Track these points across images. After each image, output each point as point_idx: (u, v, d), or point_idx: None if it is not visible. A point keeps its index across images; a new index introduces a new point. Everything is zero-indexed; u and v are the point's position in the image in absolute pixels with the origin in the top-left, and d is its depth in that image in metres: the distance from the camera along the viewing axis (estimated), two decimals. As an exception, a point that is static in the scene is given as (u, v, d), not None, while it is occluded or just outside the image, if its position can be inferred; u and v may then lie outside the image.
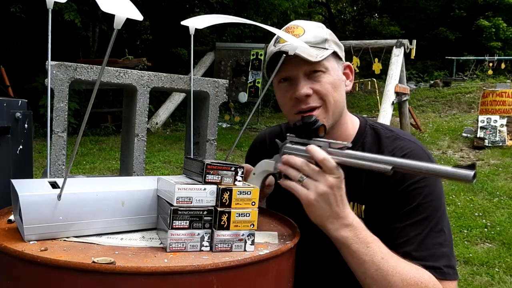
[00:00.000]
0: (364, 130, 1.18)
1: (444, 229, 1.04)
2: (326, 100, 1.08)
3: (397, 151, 1.09)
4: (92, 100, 0.79)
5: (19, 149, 1.22)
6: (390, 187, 1.07)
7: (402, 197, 1.05)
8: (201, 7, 11.82)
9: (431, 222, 1.03)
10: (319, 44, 1.09)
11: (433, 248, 1.01)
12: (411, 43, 8.39)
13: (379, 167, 0.86)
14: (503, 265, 3.23)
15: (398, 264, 0.94)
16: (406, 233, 1.02)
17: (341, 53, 1.14)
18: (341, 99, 1.12)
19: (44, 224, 0.82)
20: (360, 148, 1.14)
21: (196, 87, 1.27)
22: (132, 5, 0.74)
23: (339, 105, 1.11)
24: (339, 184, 0.91)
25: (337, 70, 1.12)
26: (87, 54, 9.62)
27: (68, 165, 0.83)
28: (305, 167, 0.92)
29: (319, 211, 0.92)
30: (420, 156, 1.09)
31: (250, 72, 9.73)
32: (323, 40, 1.09)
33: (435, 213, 1.04)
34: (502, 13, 16.27)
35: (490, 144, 7.27)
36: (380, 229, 1.02)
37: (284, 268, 0.86)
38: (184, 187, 0.81)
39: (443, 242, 1.03)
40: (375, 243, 0.94)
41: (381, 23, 17.91)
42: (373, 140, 1.15)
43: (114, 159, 6.09)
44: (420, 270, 0.96)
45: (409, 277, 0.93)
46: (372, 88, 10.32)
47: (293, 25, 1.14)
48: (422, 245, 1.01)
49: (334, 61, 1.11)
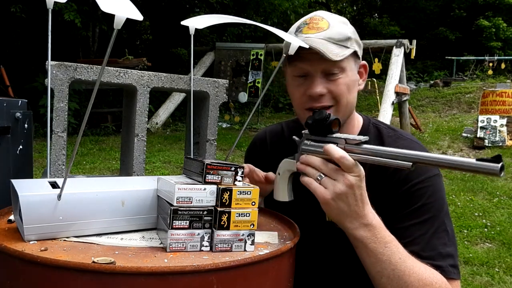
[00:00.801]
0: (367, 128, 1.18)
1: (448, 229, 1.04)
2: (339, 101, 1.07)
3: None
4: (92, 100, 0.79)
5: (19, 149, 1.22)
6: (393, 186, 1.07)
7: (406, 197, 1.05)
8: (201, 7, 11.82)
9: (435, 221, 1.03)
10: (342, 42, 1.05)
11: (439, 248, 1.01)
12: (411, 43, 8.39)
13: (399, 164, 0.81)
14: (503, 265, 3.22)
15: (415, 264, 0.93)
16: (411, 233, 1.01)
17: (360, 52, 1.12)
18: (353, 100, 1.11)
19: (44, 224, 0.82)
20: None
21: (196, 87, 1.26)
22: (132, 5, 0.74)
23: (350, 106, 1.11)
24: (358, 182, 0.88)
25: (354, 71, 1.10)
26: (87, 54, 9.62)
27: (68, 165, 0.83)
28: (323, 167, 0.89)
29: (336, 211, 0.90)
30: None
31: (250, 72, 9.73)
32: (346, 38, 1.06)
33: (439, 213, 1.04)
34: (502, 13, 16.27)
35: (490, 144, 7.27)
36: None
37: (284, 268, 0.86)
38: (184, 187, 0.81)
39: (448, 242, 1.03)
40: (394, 243, 0.93)
41: (381, 23, 17.91)
42: (376, 139, 1.15)
43: (114, 159, 6.09)
44: (433, 271, 0.96)
45: (424, 277, 0.93)
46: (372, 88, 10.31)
47: (318, 16, 1.10)
48: (428, 245, 1.01)
49: (352, 60, 1.09)
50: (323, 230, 1.16)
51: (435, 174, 1.07)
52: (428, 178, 1.05)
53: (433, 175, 1.06)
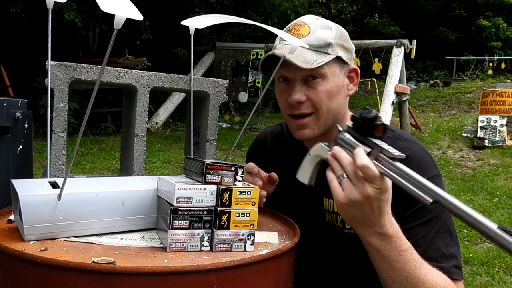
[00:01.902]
0: None
1: (450, 229, 1.04)
2: (318, 108, 1.06)
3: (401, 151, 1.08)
4: (92, 100, 0.79)
5: (19, 149, 1.22)
6: (394, 188, 1.06)
7: (408, 197, 1.04)
8: (201, 7, 11.82)
9: (437, 222, 1.02)
10: (321, 48, 1.04)
11: (442, 249, 1.00)
12: (411, 43, 8.39)
13: (420, 195, 0.78)
14: (503, 265, 3.22)
15: (428, 271, 0.92)
16: (413, 234, 1.00)
17: (348, 57, 1.10)
18: (336, 106, 1.08)
19: (44, 224, 0.82)
20: None
21: (196, 87, 1.26)
22: (132, 5, 0.74)
23: (332, 113, 1.08)
24: (377, 195, 0.84)
25: (338, 76, 1.08)
26: (87, 54, 9.62)
27: (68, 165, 0.83)
28: (348, 167, 0.86)
29: (349, 215, 0.88)
30: (423, 158, 1.07)
31: (250, 72, 9.73)
32: (326, 44, 1.05)
33: (441, 213, 1.03)
34: (502, 13, 16.26)
35: (490, 144, 7.27)
36: None
37: (284, 268, 0.86)
38: (184, 187, 0.81)
39: (450, 242, 1.02)
40: (409, 251, 0.91)
41: (381, 23, 17.90)
42: None
43: (114, 159, 6.09)
44: (443, 276, 0.95)
45: (437, 284, 0.92)
46: (372, 88, 10.31)
47: (301, 22, 1.09)
48: (431, 246, 1.00)
49: (336, 66, 1.07)
50: (323, 230, 1.16)
51: (435, 175, 1.06)
52: (430, 178, 1.04)
53: (433, 176, 1.05)
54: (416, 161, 1.04)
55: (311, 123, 1.07)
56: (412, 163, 0.97)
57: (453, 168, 6.28)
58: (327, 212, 1.15)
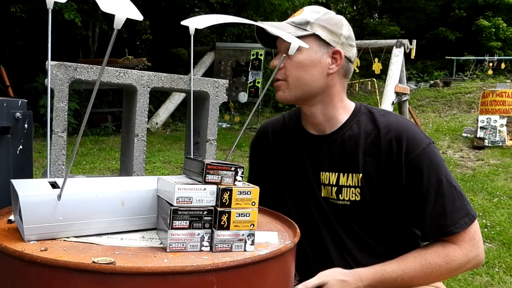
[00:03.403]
0: (359, 110, 1.24)
1: (452, 183, 1.13)
2: (288, 75, 1.18)
3: (393, 125, 1.17)
4: (92, 100, 0.79)
5: (19, 149, 1.22)
6: (391, 159, 1.14)
7: (408, 178, 1.13)
8: (201, 7, 11.81)
9: (441, 185, 1.12)
10: (300, 25, 1.17)
11: (450, 211, 1.11)
12: (411, 43, 8.40)
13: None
14: (503, 265, 3.22)
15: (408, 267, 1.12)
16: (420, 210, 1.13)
17: (332, 39, 1.18)
18: (309, 78, 1.18)
19: (44, 224, 0.82)
20: (355, 125, 1.21)
21: (196, 87, 1.26)
22: (132, 5, 0.74)
23: (303, 83, 1.18)
24: None
25: (314, 52, 1.17)
26: (87, 54, 9.62)
27: (68, 165, 0.83)
28: None
29: None
30: (413, 129, 1.16)
31: (250, 72, 9.73)
32: (305, 22, 1.17)
33: (439, 174, 1.12)
34: (502, 13, 16.26)
35: (490, 144, 7.26)
36: (377, 196, 1.13)
37: (284, 268, 0.86)
38: (184, 187, 0.81)
39: (455, 196, 1.12)
40: (383, 274, 1.11)
41: (381, 23, 17.90)
42: (368, 118, 1.21)
43: (114, 159, 6.09)
44: (425, 257, 1.12)
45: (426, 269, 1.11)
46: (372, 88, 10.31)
47: (302, 8, 1.24)
48: (442, 214, 1.11)
49: (315, 43, 1.17)
50: (319, 205, 1.23)
51: (425, 147, 1.13)
52: (419, 153, 1.12)
53: (423, 149, 1.13)
54: (407, 134, 1.14)
55: (283, 87, 1.20)
56: (403, 136, 1.12)
57: (453, 168, 6.28)
58: (323, 185, 1.22)
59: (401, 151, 1.12)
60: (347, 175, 1.18)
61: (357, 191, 1.16)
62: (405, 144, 1.12)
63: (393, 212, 1.16)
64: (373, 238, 1.19)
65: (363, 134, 1.18)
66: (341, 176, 1.18)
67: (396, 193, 1.14)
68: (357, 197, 1.16)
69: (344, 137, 1.20)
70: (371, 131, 1.17)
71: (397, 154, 1.13)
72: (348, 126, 1.21)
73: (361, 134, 1.18)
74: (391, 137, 1.14)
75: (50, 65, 1.04)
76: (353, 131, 1.20)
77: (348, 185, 1.17)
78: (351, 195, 1.17)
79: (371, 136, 1.17)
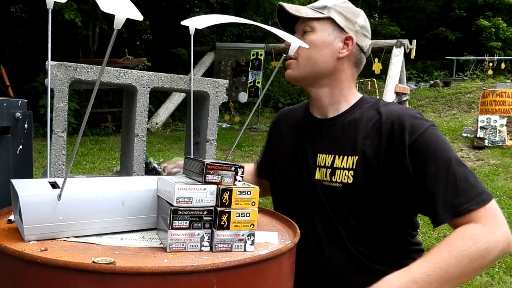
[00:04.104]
0: (365, 100, 1.27)
1: (459, 160, 1.10)
2: (300, 53, 1.22)
3: (394, 111, 1.17)
4: (92, 100, 0.79)
5: (19, 149, 1.22)
6: (393, 141, 1.12)
7: (413, 152, 1.10)
8: (201, 7, 11.81)
9: (451, 162, 1.07)
10: (318, 8, 1.22)
11: (464, 189, 1.05)
12: (411, 43, 8.40)
13: None
14: (503, 265, 3.22)
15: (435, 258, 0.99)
16: (431, 191, 1.06)
17: (347, 25, 1.22)
18: (319, 59, 1.21)
19: (44, 224, 0.82)
20: (358, 111, 1.23)
21: (196, 87, 1.26)
22: (132, 5, 0.74)
23: (312, 62, 1.22)
24: None
25: (328, 34, 1.21)
26: (87, 54, 9.62)
27: (68, 165, 0.83)
28: None
29: None
30: (416, 114, 1.16)
31: (250, 72, 9.73)
32: (323, 6, 1.22)
33: (447, 153, 1.09)
34: (502, 13, 16.26)
35: (490, 144, 7.26)
36: (374, 180, 1.11)
37: (284, 268, 0.86)
38: (184, 187, 0.81)
39: (467, 174, 1.07)
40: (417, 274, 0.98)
41: (381, 23, 17.89)
42: (371, 106, 1.23)
43: (114, 159, 6.09)
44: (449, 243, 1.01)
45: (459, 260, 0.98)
46: (372, 88, 10.31)
47: None
48: (455, 192, 1.05)
49: (329, 26, 1.22)
50: (313, 188, 1.23)
51: (428, 127, 1.11)
52: (423, 133, 1.10)
53: (426, 128, 1.11)
54: (408, 116, 1.13)
55: (293, 65, 1.24)
56: (405, 118, 1.11)
57: (453, 168, 6.27)
58: (319, 167, 1.23)
59: (403, 132, 1.10)
60: (342, 157, 1.18)
61: (350, 174, 1.16)
62: (407, 125, 1.10)
63: (392, 198, 1.13)
64: (362, 223, 1.16)
65: (364, 120, 1.19)
66: (336, 158, 1.19)
67: (398, 177, 1.10)
68: (349, 180, 1.15)
69: (345, 121, 1.22)
70: (372, 117, 1.18)
71: (399, 135, 1.10)
72: (351, 112, 1.23)
73: (362, 120, 1.19)
74: (392, 120, 1.13)
75: (50, 65, 1.04)
76: (354, 116, 1.22)
77: (342, 167, 1.17)
78: (344, 177, 1.16)
79: (372, 121, 1.18)
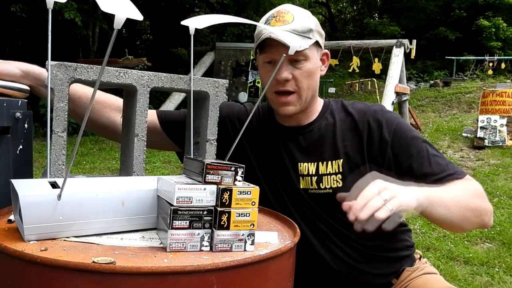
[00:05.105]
0: (329, 102, 1.31)
1: (430, 148, 1.21)
2: (301, 87, 1.19)
3: (364, 109, 1.24)
4: (92, 100, 0.79)
5: (19, 149, 1.21)
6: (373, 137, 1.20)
7: (394, 140, 1.19)
8: (201, 7, 11.81)
9: (429, 145, 1.21)
10: (304, 34, 1.17)
11: (446, 164, 1.19)
12: (411, 43, 8.39)
13: None
14: (503, 265, 3.22)
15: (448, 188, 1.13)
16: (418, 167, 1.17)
17: (322, 42, 1.24)
18: (314, 85, 1.23)
19: (44, 224, 0.82)
20: (329, 115, 1.27)
21: (196, 87, 1.26)
22: (132, 5, 0.74)
23: (311, 91, 1.22)
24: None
25: (316, 58, 1.22)
26: (87, 54, 9.62)
27: (68, 165, 0.83)
28: None
29: None
30: (384, 109, 1.24)
31: (250, 72, 9.73)
32: (308, 30, 1.18)
33: (420, 137, 1.22)
34: (502, 13, 16.26)
35: (490, 144, 7.26)
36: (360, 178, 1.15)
37: (284, 268, 0.86)
38: (184, 187, 0.81)
39: (443, 156, 1.21)
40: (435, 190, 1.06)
41: (381, 23, 17.90)
42: (338, 108, 1.28)
43: (114, 159, 6.10)
44: (453, 183, 1.15)
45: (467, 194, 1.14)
46: (372, 88, 10.32)
47: (283, 10, 1.21)
48: (435, 165, 1.17)
49: (315, 49, 1.21)
50: (300, 197, 1.24)
51: (398, 118, 1.24)
52: (397, 124, 1.21)
53: (398, 119, 1.23)
54: (380, 113, 1.22)
55: (294, 101, 1.21)
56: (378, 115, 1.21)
57: (453, 168, 6.27)
58: (302, 176, 1.24)
59: (381, 128, 1.19)
60: (326, 163, 1.21)
61: (338, 178, 1.19)
62: (383, 120, 1.20)
63: None
64: None
65: (338, 122, 1.24)
66: (320, 165, 1.21)
67: (383, 169, 1.16)
68: (339, 184, 1.19)
69: (321, 126, 1.25)
70: (345, 118, 1.24)
71: (378, 131, 1.19)
72: (323, 117, 1.26)
73: (337, 122, 1.24)
74: (368, 119, 1.21)
75: (50, 65, 1.04)
76: (328, 121, 1.25)
77: (329, 173, 1.20)
78: (332, 182, 1.19)
79: (346, 123, 1.23)
